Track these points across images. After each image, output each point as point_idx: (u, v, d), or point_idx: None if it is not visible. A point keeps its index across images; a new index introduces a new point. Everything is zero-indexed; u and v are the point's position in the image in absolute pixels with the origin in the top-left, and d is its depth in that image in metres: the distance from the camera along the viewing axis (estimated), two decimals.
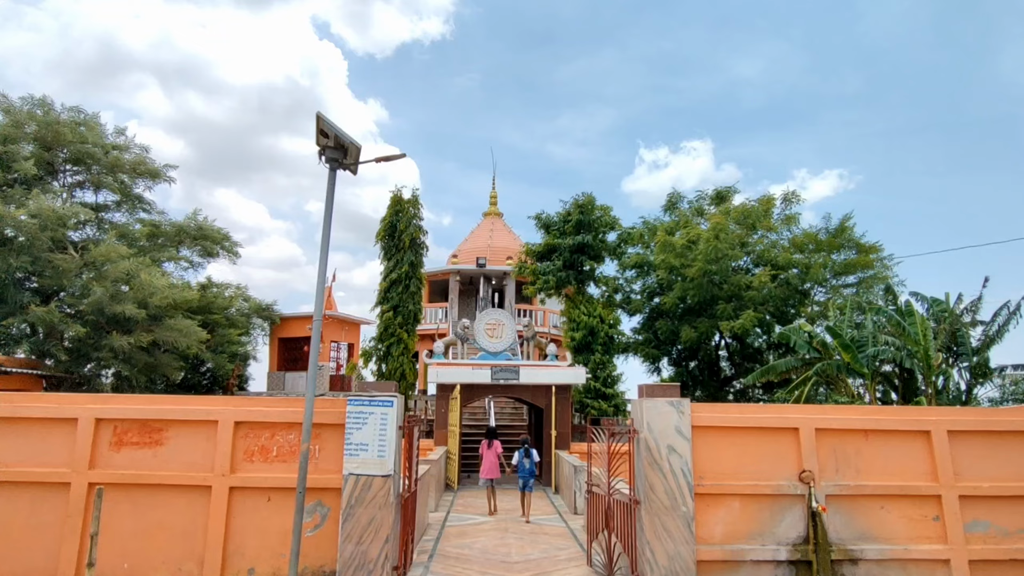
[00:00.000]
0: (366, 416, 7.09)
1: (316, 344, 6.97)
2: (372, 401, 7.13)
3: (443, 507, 13.40)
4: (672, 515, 6.90)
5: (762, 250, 20.30)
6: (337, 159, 7.59)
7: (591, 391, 20.03)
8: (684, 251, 19.21)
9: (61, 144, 19.31)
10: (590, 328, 19.62)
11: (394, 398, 7.16)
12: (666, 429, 7.10)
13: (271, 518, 7.08)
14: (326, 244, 7.32)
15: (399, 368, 19.24)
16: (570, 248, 20.45)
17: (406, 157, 7.96)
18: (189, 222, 22.35)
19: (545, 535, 10.46)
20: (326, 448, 7.25)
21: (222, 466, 7.11)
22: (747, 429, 7.33)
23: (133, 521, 7.04)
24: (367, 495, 6.91)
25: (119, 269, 16.95)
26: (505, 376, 17.16)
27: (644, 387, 7.37)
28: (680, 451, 7.05)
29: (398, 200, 20.81)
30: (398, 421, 7.24)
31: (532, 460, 11.72)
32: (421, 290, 20.44)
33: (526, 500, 11.72)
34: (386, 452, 7.00)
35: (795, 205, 21.62)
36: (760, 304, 18.91)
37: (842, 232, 20.54)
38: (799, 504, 7.19)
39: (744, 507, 7.16)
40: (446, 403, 17.39)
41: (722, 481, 7.17)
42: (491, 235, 34.44)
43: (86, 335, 16.92)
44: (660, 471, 6.99)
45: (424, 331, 27.32)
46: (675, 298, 19.55)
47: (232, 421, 7.21)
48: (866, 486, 7.24)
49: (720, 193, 22.25)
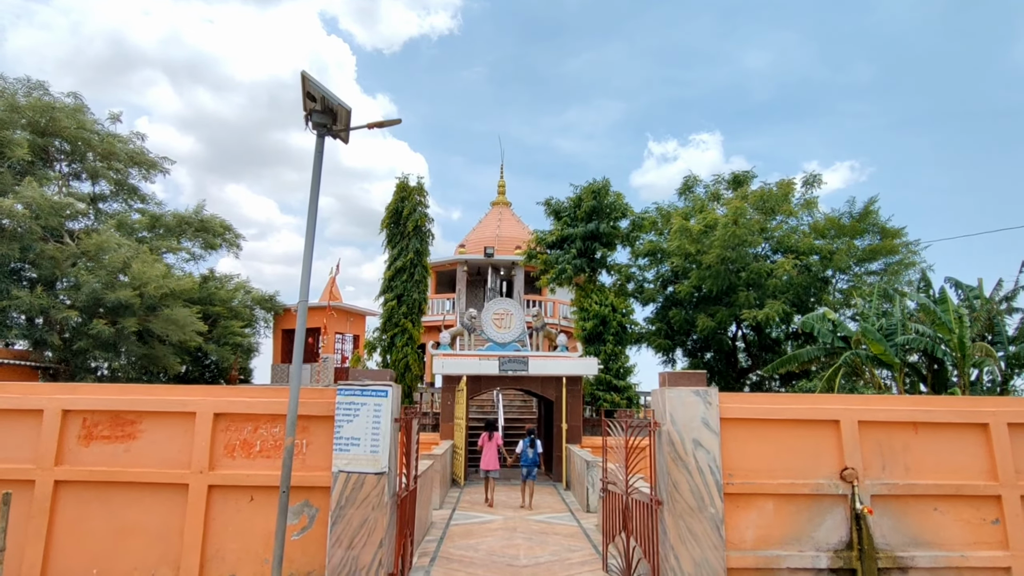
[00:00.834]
0: (358, 407, 6.40)
1: (302, 326, 6.28)
2: (364, 391, 6.44)
3: (448, 504, 12.75)
4: (699, 517, 6.17)
5: (782, 236, 19.40)
6: (325, 124, 6.88)
7: (602, 383, 19.28)
8: (700, 237, 18.36)
9: (57, 131, 18.76)
10: (602, 318, 18.84)
11: (389, 387, 6.47)
12: (691, 421, 6.36)
13: (254, 519, 6.42)
14: (313, 216, 6.62)
15: (403, 359, 18.57)
16: (582, 236, 19.65)
17: (401, 123, 7.24)
18: (191, 214, 21.82)
19: (556, 535, 9.76)
20: (315, 443, 6.58)
21: (200, 462, 6.45)
22: (782, 422, 6.58)
23: (103, 522, 6.41)
24: (359, 494, 6.24)
25: (114, 259, 16.41)
26: (514, 367, 16.45)
27: (667, 375, 6.63)
28: (707, 446, 6.31)
29: (403, 187, 20.11)
30: (394, 413, 6.55)
31: (536, 450, 12.47)
32: (427, 279, 19.74)
33: (528, 488, 12.37)
34: (380, 447, 6.31)
35: (816, 189, 20.70)
36: (781, 292, 18.04)
37: (866, 216, 19.60)
38: (841, 505, 6.44)
39: (779, 508, 6.42)
40: (452, 395, 16.72)
41: (754, 479, 6.43)
42: (499, 224, 33.70)
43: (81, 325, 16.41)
44: (685, 468, 6.26)
45: (431, 323, 26.67)
46: (691, 286, 18.71)
47: (211, 413, 6.55)
48: (916, 485, 6.46)
49: (737, 177, 21.32)
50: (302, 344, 6.27)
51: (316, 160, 6.87)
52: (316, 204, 6.70)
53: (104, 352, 16.47)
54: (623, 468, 7.21)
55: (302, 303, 6.39)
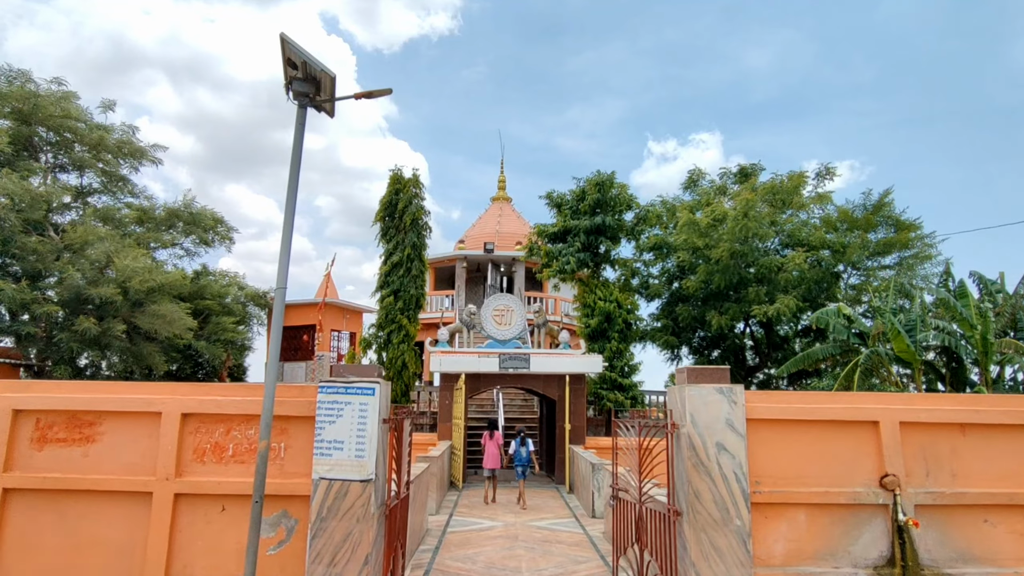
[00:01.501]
0: (341, 407, 5.73)
1: (279, 315, 5.62)
2: (349, 388, 5.77)
3: (446, 508, 12.09)
4: (723, 530, 5.50)
5: (792, 229, 18.73)
6: (307, 94, 6.20)
7: (606, 381, 18.60)
8: (708, 231, 17.68)
9: (42, 120, 18.08)
10: (606, 314, 18.16)
11: (376, 384, 5.80)
12: (714, 423, 5.69)
13: (226, 532, 5.76)
14: (293, 194, 5.95)
15: (400, 357, 17.89)
16: (586, 229, 18.96)
17: (392, 92, 6.56)
18: (180, 207, 21.14)
19: (560, 544, 9.09)
20: (294, 446, 5.91)
21: (166, 468, 5.79)
22: (814, 423, 5.91)
23: (57, 535, 5.75)
24: (342, 504, 5.57)
25: (97, 252, 15.74)
26: (514, 364, 15.79)
27: (686, 370, 5.96)
28: (732, 450, 5.64)
29: (398, 179, 19.40)
30: (382, 413, 5.88)
31: (528, 449, 12.64)
32: (424, 274, 19.04)
33: (521, 488, 12.44)
34: (366, 451, 5.65)
35: (829, 181, 20.03)
36: (793, 287, 17.37)
37: (880, 209, 18.92)
38: (881, 516, 5.77)
39: (812, 520, 5.75)
40: (450, 394, 16.06)
41: (784, 487, 5.76)
42: (499, 220, 33.01)
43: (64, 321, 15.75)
44: (707, 475, 5.59)
45: (429, 320, 26.02)
46: (699, 281, 18.03)
47: (178, 413, 5.89)
48: (965, 494, 5.80)
49: (744, 170, 20.65)
50: (279, 335, 5.60)
51: (297, 133, 6.21)
52: (296, 181, 6.04)
53: (87, 349, 15.79)
54: (636, 473, 6.55)
55: (279, 291, 5.72)
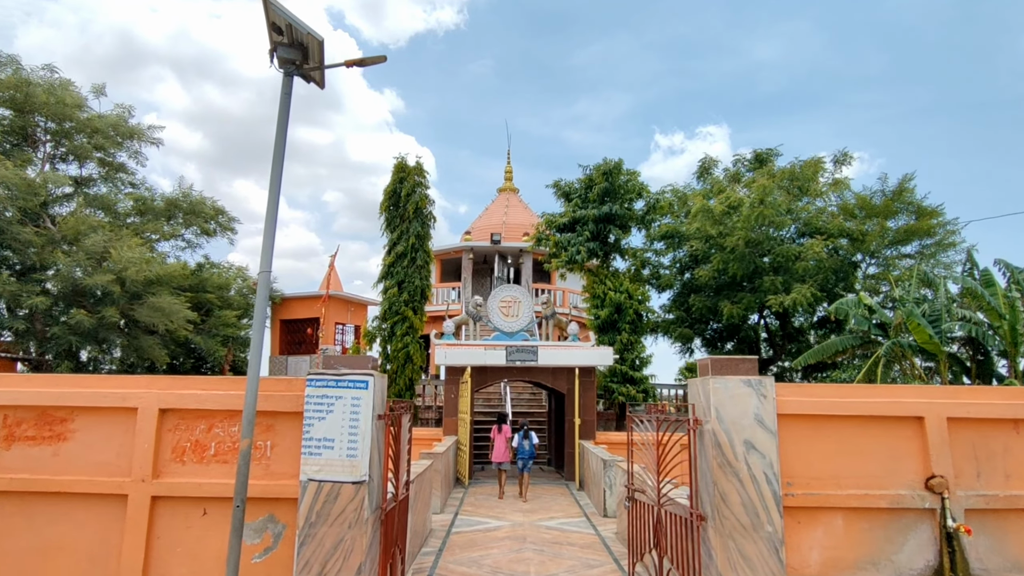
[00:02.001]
0: (332, 401, 5.24)
1: (263, 299, 5.12)
2: (340, 381, 5.28)
3: (451, 506, 11.62)
4: (752, 536, 4.98)
5: (809, 217, 18.05)
6: (293, 61, 5.70)
7: (617, 375, 18.05)
8: (723, 218, 17.05)
9: (35, 108, 17.67)
10: (617, 305, 17.59)
11: (370, 377, 5.30)
12: (742, 418, 5.16)
13: (207, 537, 5.30)
14: (278, 172, 5.45)
15: (405, 350, 17.41)
16: (595, 218, 18.36)
17: (386, 60, 6.04)
18: (179, 196, 20.72)
19: (571, 545, 8.60)
20: (281, 444, 5.43)
21: (142, 468, 5.32)
22: (851, 418, 5.37)
23: (26, 539, 5.31)
24: (333, 509, 5.09)
25: (91, 242, 15.34)
26: (522, 357, 15.27)
27: (710, 361, 5.42)
28: (762, 448, 5.11)
29: (402, 167, 18.85)
30: (377, 408, 5.39)
31: (531, 442, 12.60)
32: (429, 264, 18.52)
33: (524, 481, 12.46)
34: (359, 450, 5.16)
35: (846, 167, 19.33)
36: (809, 277, 16.73)
37: (900, 195, 18.20)
38: (927, 521, 5.23)
39: (850, 525, 5.22)
40: (456, 388, 15.58)
41: (819, 490, 5.23)
42: (506, 211, 32.44)
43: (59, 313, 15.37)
44: (735, 476, 5.06)
45: (435, 313, 25.52)
46: (712, 270, 17.41)
47: (156, 408, 5.42)
48: (1021, 497, 5.25)
49: (760, 156, 19.95)
50: (262, 322, 5.11)
51: (282, 105, 5.71)
52: (282, 156, 5.54)
53: (83, 342, 15.41)
54: (653, 473, 6.03)
55: (263, 274, 5.22)
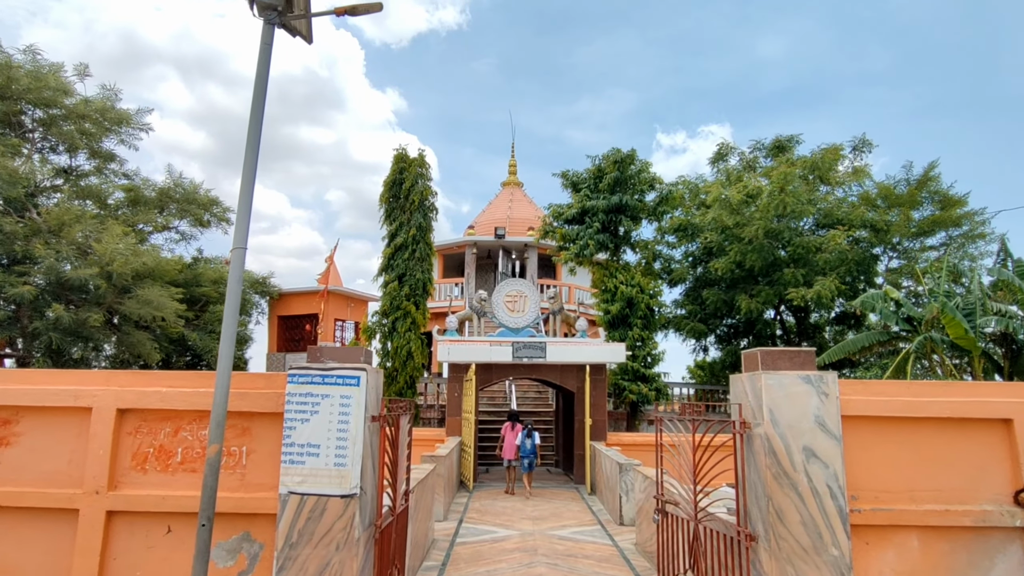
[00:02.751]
0: (317, 400, 4.47)
1: (236, 280, 4.35)
2: (327, 377, 4.51)
3: (455, 513, 10.86)
4: (815, 561, 4.20)
5: (829, 207, 17.23)
6: (275, 7, 4.94)
7: (628, 372, 17.27)
8: (740, 208, 16.25)
9: (19, 93, 16.91)
10: (628, 299, 16.79)
11: (362, 372, 4.54)
12: (801, 421, 4.38)
13: (172, 559, 4.54)
14: (256, 134, 4.69)
15: (406, 346, 16.65)
16: (605, 209, 17.55)
17: (381, 8, 5.27)
18: (172, 186, 19.97)
19: (587, 559, 7.82)
20: (260, 450, 4.67)
21: (96, 478, 4.57)
22: (926, 421, 4.59)
23: None
24: (318, 527, 4.32)
25: (74, 232, 14.61)
26: (529, 353, 14.50)
27: (760, 353, 4.64)
28: (825, 457, 4.33)
29: (402, 158, 18.06)
30: (370, 408, 4.63)
31: (533, 442, 12.77)
32: (430, 257, 17.74)
33: (529, 479, 12.76)
34: (348, 457, 4.39)
35: (866, 155, 18.52)
36: (831, 269, 15.92)
37: (924, 184, 17.38)
38: (1017, 542, 4.44)
39: (927, 546, 4.44)
40: (460, 386, 14.82)
41: (889, 505, 4.45)
42: (511, 206, 31.65)
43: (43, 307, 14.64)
44: (793, 489, 4.28)
45: (438, 309, 24.77)
46: (729, 262, 16.60)
47: (113, 408, 4.66)
48: None
49: (779, 143, 19.12)
50: (235, 306, 4.34)
51: (262, 56, 4.95)
52: (261, 115, 4.78)
53: (63, 339, 14.67)
54: (688, 483, 5.26)
55: (237, 251, 4.46)
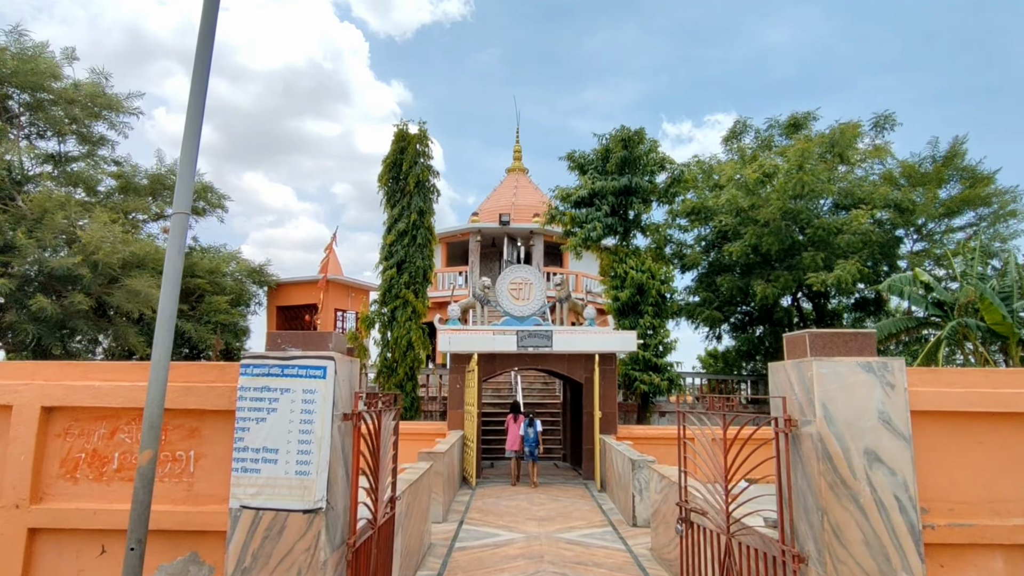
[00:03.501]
0: (275, 396, 3.73)
1: (178, 250, 3.60)
2: (287, 368, 3.76)
3: (456, 512, 10.16)
4: None
5: (849, 186, 16.32)
6: None
7: (638, 362, 16.50)
8: (756, 188, 15.38)
9: (4, 76, 16.23)
10: (639, 285, 15.99)
11: (328, 361, 3.78)
12: (862, 418, 3.59)
13: None
14: (203, 75, 3.92)
15: (406, 336, 15.93)
16: (614, 191, 16.71)
17: None
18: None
19: (599, 567, 7.09)
20: (211, 455, 3.94)
21: (16, 490, 3.85)
22: (1009, 416, 3.80)
23: None
24: (276, 548, 3.59)
25: (56, 219, 13.95)
26: (534, 342, 13.75)
27: (809, 335, 3.85)
28: (892, 462, 3.55)
29: (402, 135, 17.25)
30: (341, 404, 3.88)
31: (535, 430, 12.70)
32: (431, 243, 16.98)
33: (533, 469, 12.75)
34: (312, 464, 3.64)
35: (888, 132, 17.56)
36: (853, 252, 15.05)
37: (951, 161, 16.43)
38: None
39: (1015, 569, 3.66)
40: (461, 377, 14.10)
41: (968, 519, 3.67)
42: (515, 192, 30.84)
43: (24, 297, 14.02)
44: (853, 500, 3.51)
45: (440, 299, 24.06)
46: (745, 246, 15.75)
47: (38, 406, 3.94)
48: None
49: (795, 120, 18.18)
50: (175, 281, 3.58)
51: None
52: (210, 48, 4.01)
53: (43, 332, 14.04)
54: (720, 490, 4.49)
55: (178, 217, 3.71)
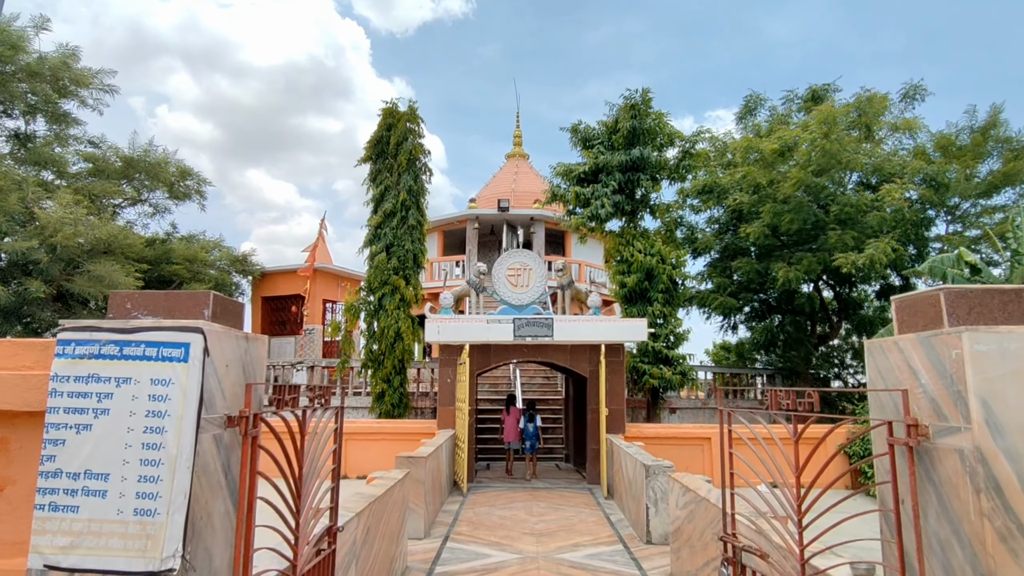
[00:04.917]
0: (107, 391, 2.37)
1: None
2: (126, 346, 2.40)
3: (442, 525, 8.84)
4: None
5: (878, 161, 14.89)
6: None
7: (647, 354, 15.12)
8: (775, 162, 13.98)
9: None
10: (647, 269, 14.60)
11: (194, 335, 2.43)
12: None
13: None
14: None
15: (394, 326, 14.58)
16: (621, 166, 15.28)
17: None
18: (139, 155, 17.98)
19: None
20: (22, 480, 2.60)
21: None
22: None
23: None
24: None
25: (11, 200, 12.68)
26: (533, 332, 12.41)
27: (945, 294, 2.49)
28: None
29: (391, 113, 15.81)
30: (217, 402, 2.53)
31: (535, 424, 12.68)
32: (422, 225, 15.60)
33: (532, 462, 12.72)
34: (160, 499, 2.29)
35: (919, 103, 16.11)
36: (886, 231, 13.65)
37: (988, 131, 14.98)
38: None
39: None
40: (453, 371, 12.76)
41: None
42: (515, 178, 29.48)
43: None
44: None
45: (435, 289, 22.72)
46: (762, 226, 14.35)
47: None
48: None
49: (815, 92, 16.73)
50: None
51: None
52: None
53: None
54: (791, 518, 3.13)
55: None
